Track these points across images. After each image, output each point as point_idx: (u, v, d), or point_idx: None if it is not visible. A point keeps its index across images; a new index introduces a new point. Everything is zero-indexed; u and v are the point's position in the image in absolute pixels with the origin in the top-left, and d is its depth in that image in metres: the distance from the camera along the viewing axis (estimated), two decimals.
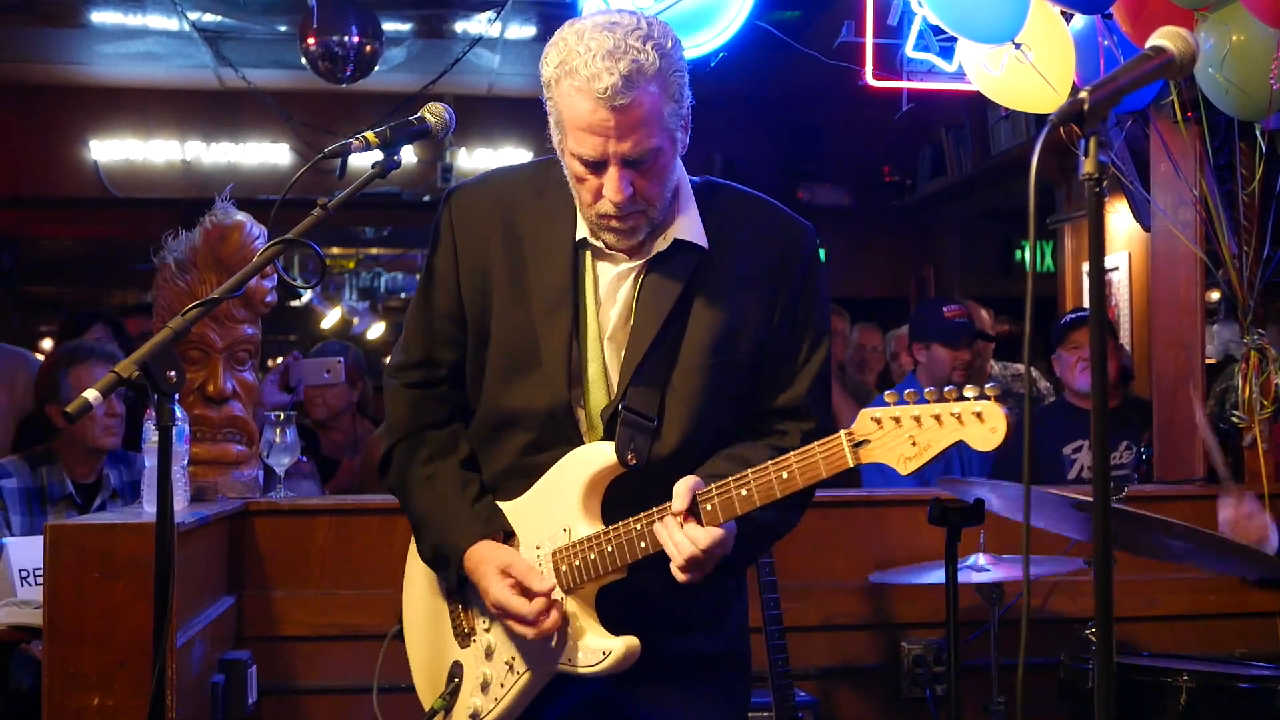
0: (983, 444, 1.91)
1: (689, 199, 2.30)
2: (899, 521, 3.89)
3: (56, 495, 4.16)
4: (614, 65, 2.08)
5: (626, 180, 2.15)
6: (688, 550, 2.11)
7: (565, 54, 2.13)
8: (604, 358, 2.27)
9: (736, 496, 2.10)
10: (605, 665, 2.22)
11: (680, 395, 2.25)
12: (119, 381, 1.98)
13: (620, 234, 2.23)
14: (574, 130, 2.15)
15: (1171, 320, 4.47)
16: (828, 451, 2.03)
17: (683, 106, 2.20)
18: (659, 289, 2.25)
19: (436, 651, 2.42)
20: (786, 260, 2.30)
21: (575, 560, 2.23)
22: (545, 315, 2.27)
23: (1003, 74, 4.02)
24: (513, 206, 2.34)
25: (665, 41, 2.15)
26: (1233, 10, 3.60)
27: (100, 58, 7.95)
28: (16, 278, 10.94)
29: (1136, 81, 1.80)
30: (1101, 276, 1.77)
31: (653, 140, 2.14)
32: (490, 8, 6.98)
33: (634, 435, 2.23)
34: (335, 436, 5.68)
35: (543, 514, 2.29)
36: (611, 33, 2.11)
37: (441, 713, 2.38)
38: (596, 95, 2.09)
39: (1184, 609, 3.94)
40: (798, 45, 4.91)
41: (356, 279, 13.44)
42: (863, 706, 3.87)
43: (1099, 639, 1.75)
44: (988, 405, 1.89)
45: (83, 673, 2.80)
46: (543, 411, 2.28)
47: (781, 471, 2.06)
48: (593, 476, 2.24)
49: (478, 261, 2.33)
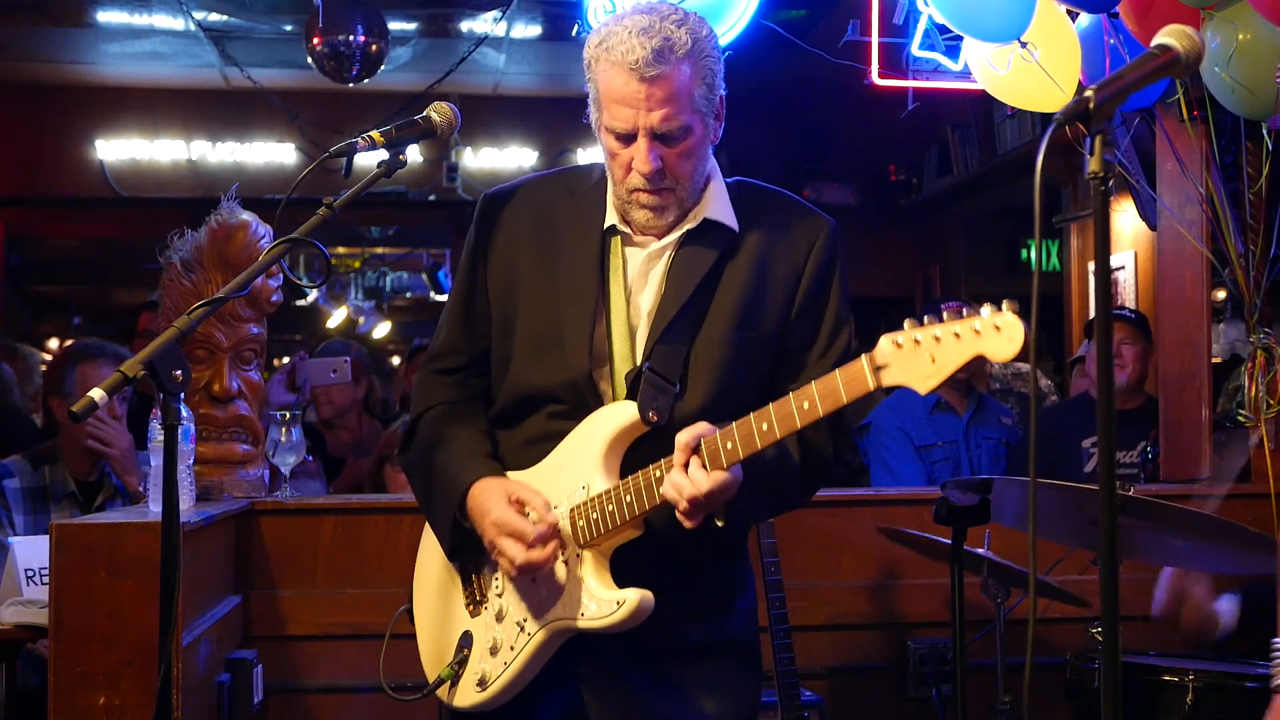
0: (1001, 354, 1.89)
1: (721, 189, 2.39)
2: (905, 520, 3.88)
3: (59, 493, 4.16)
4: (647, 41, 2.20)
5: (655, 154, 2.24)
6: (703, 493, 2.12)
7: (605, 35, 2.26)
8: (632, 336, 2.33)
9: (757, 430, 2.10)
10: (618, 615, 2.21)
11: (703, 362, 2.30)
12: (124, 380, 1.98)
13: (650, 210, 2.30)
14: (608, 104, 2.26)
15: (1178, 319, 4.46)
16: (849, 376, 2.02)
17: (714, 93, 2.30)
18: (689, 261, 2.32)
19: (447, 626, 2.44)
20: (810, 249, 2.37)
21: (592, 514, 2.25)
22: (570, 297, 2.35)
23: (1009, 73, 4.01)
24: (545, 205, 2.44)
25: (701, 29, 2.27)
26: (1239, 9, 3.59)
27: (106, 57, 7.97)
28: (23, 277, 10.97)
29: (1142, 80, 1.80)
30: (1108, 275, 1.76)
31: (682, 117, 2.23)
32: (496, 7, 6.98)
33: (656, 395, 2.27)
34: (342, 435, 5.69)
35: (563, 474, 2.32)
36: (648, 15, 2.24)
37: (448, 682, 2.38)
38: (629, 67, 2.20)
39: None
40: (804, 44, 4.91)
41: (362, 278, 13.45)
42: (869, 706, 3.86)
43: (1105, 638, 1.74)
44: (1006, 317, 1.89)
45: (89, 672, 2.80)
46: (565, 384, 2.33)
47: (803, 401, 2.06)
48: (614, 435, 2.28)
49: (507, 257, 2.42)
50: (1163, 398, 4.54)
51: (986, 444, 4.91)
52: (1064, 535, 3.25)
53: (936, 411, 4.91)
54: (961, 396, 4.95)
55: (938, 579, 3.57)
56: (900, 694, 3.84)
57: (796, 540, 3.77)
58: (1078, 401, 5.27)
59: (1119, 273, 6.53)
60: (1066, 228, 7.23)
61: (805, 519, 3.86)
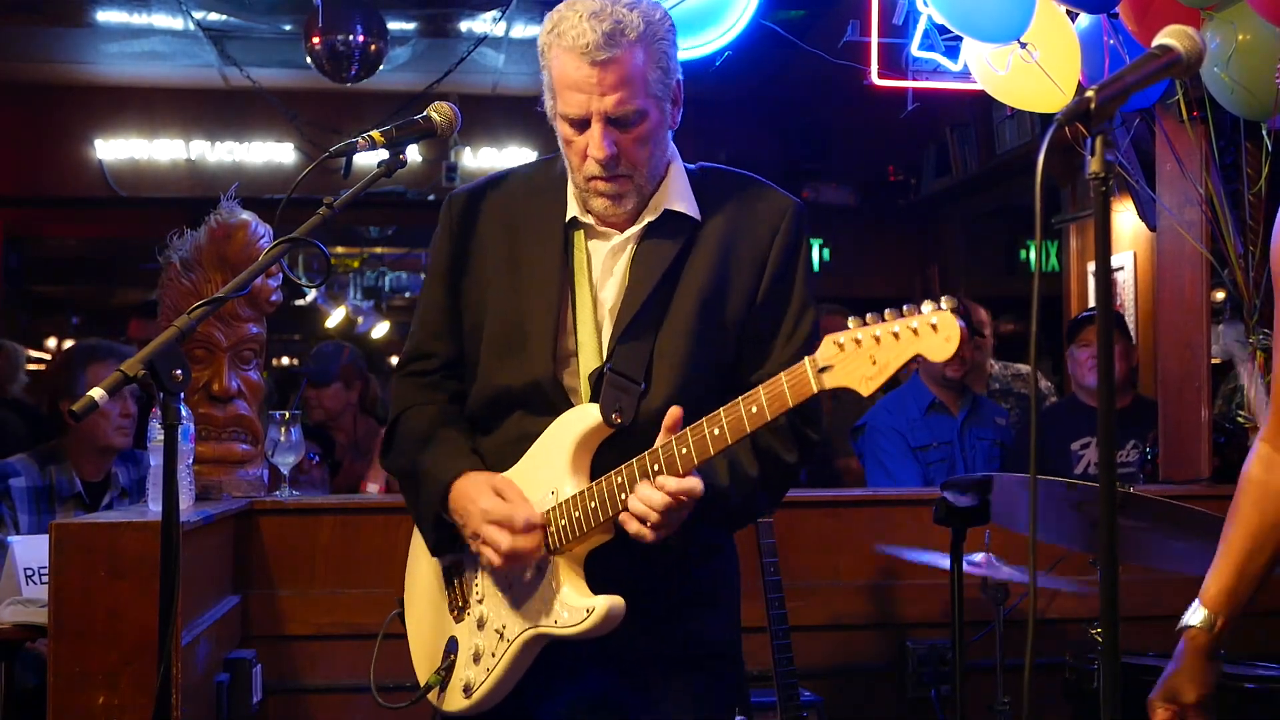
0: (938, 354, 1.89)
1: (681, 175, 2.37)
2: (904, 521, 3.89)
3: (65, 494, 4.16)
4: (598, 24, 2.18)
5: (610, 139, 2.23)
6: (660, 502, 2.11)
7: (557, 20, 2.24)
8: (599, 332, 2.32)
9: (709, 435, 2.10)
10: (589, 623, 2.20)
11: (667, 357, 2.29)
12: (125, 380, 1.98)
13: (608, 198, 2.29)
14: (561, 90, 2.24)
15: (1177, 320, 4.47)
16: (793, 379, 2.03)
17: (670, 77, 2.27)
18: (651, 255, 2.31)
19: (435, 630, 2.44)
20: (775, 233, 2.35)
21: (561, 520, 2.24)
22: (533, 295, 2.34)
23: (1008, 73, 4.01)
24: (508, 203, 2.43)
25: (654, 13, 2.24)
26: (1238, 9, 3.59)
27: (105, 57, 7.96)
28: (22, 277, 10.96)
29: (1143, 80, 1.80)
30: (1108, 276, 1.76)
31: (636, 101, 2.21)
32: (495, 7, 6.98)
33: (619, 396, 2.26)
34: (339, 437, 5.70)
35: (533, 480, 2.30)
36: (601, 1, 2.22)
37: (436, 687, 2.39)
38: (581, 51, 2.19)
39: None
40: (803, 44, 4.91)
41: (361, 278, 13.45)
42: (868, 706, 3.86)
43: (1105, 639, 1.74)
44: (942, 315, 1.89)
45: (88, 671, 2.80)
46: (530, 386, 2.32)
47: (750, 405, 2.06)
48: (580, 438, 2.27)
49: (473, 259, 2.42)
50: (1162, 398, 4.54)
51: (981, 444, 4.91)
52: (1063, 537, 3.25)
53: (931, 412, 4.91)
54: (956, 397, 4.95)
55: (937, 579, 3.57)
56: (899, 694, 3.84)
57: (796, 540, 3.77)
58: (1065, 404, 5.26)
59: (1118, 273, 6.52)
60: (1066, 228, 7.23)
61: (805, 519, 3.86)
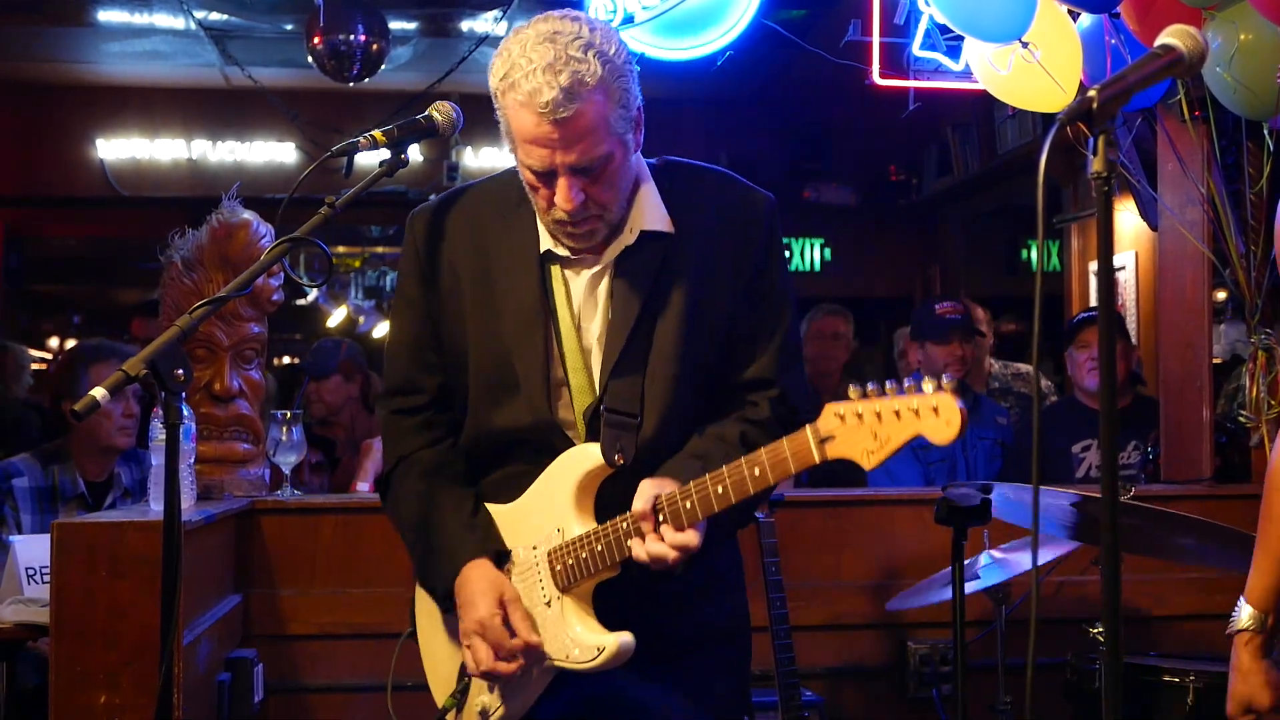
0: (939, 437, 1.93)
1: (652, 191, 2.30)
2: (905, 521, 3.89)
3: (68, 494, 4.16)
4: (554, 79, 2.08)
5: (577, 188, 2.16)
6: (671, 557, 2.15)
7: (509, 66, 2.14)
8: (587, 364, 2.30)
9: (713, 494, 2.12)
10: (600, 660, 2.24)
11: (658, 383, 2.27)
12: (126, 379, 1.98)
13: (577, 238, 2.25)
14: (521, 143, 2.17)
15: (1178, 319, 4.46)
16: (795, 447, 2.06)
17: (630, 110, 2.20)
18: (629, 285, 2.27)
19: (447, 652, 2.43)
20: (748, 233, 2.32)
21: (569, 559, 2.26)
22: (519, 336, 2.30)
23: (1010, 73, 4.01)
24: (477, 223, 2.37)
25: (608, 47, 2.15)
26: (1240, 9, 3.59)
27: (106, 56, 7.96)
28: (23, 276, 10.96)
29: (1145, 80, 1.80)
30: (1110, 275, 1.76)
31: (600, 148, 2.15)
32: (496, 6, 6.98)
33: (618, 435, 2.25)
34: (337, 433, 5.70)
35: (538, 515, 2.32)
36: (553, 44, 2.11)
37: (453, 710, 2.39)
38: (539, 110, 2.10)
39: (1192, 609, 3.93)
40: (804, 44, 4.91)
41: (362, 277, 13.45)
42: (869, 706, 3.86)
43: (1107, 639, 1.74)
44: (943, 399, 1.92)
45: (89, 671, 2.80)
46: (529, 427, 2.30)
47: (754, 468, 2.09)
48: (582, 478, 2.27)
49: (447, 283, 2.36)
50: (1163, 398, 4.53)
51: (982, 444, 4.90)
52: (1064, 535, 3.26)
53: None
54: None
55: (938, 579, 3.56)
56: (901, 694, 3.84)
57: (796, 540, 3.77)
58: (1064, 405, 5.24)
59: (1120, 273, 6.52)
60: (1067, 228, 7.22)
61: (805, 519, 3.86)
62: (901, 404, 1.96)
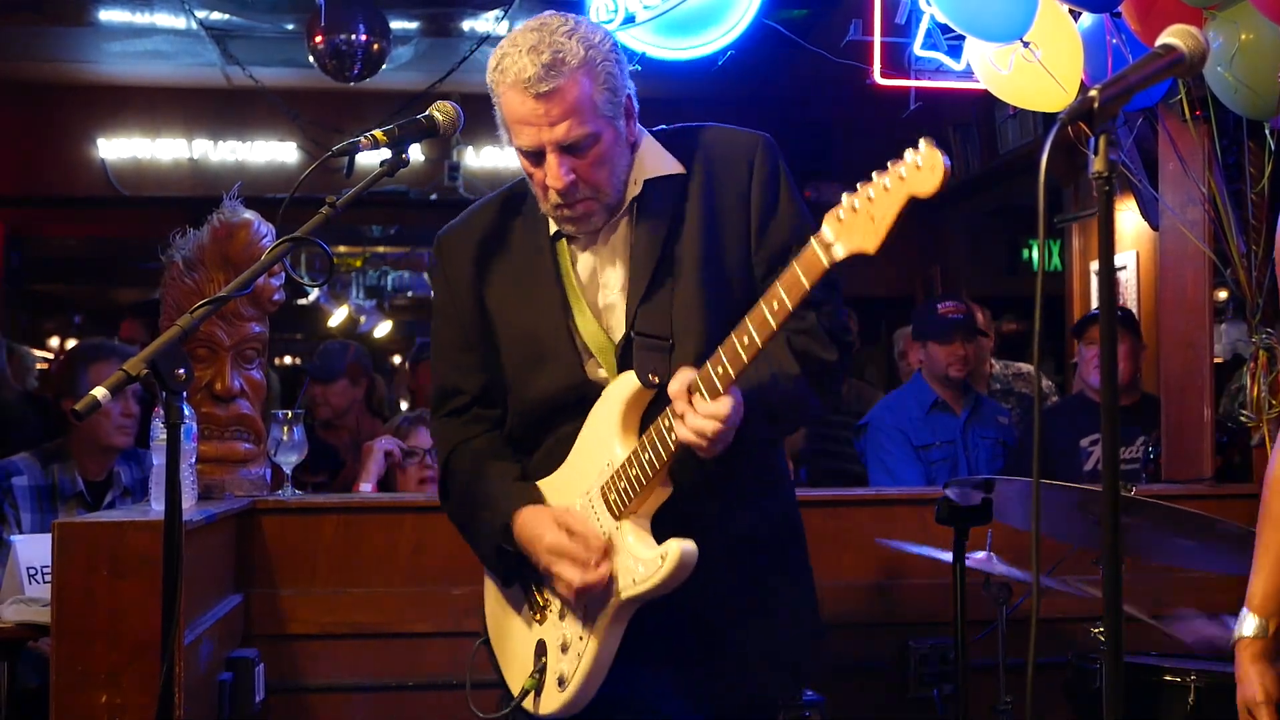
0: (926, 186, 1.97)
1: (654, 144, 2.40)
2: (906, 520, 3.89)
3: (67, 493, 4.16)
4: (537, 58, 2.21)
5: (566, 166, 2.26)
6: (710, 429, 2.16)
7: (499, 57, 2.28)
8: (602, 321, 2.38)
9: (740, 346, 2.13)
10: (665, 569, 2.24)
11: (686, 312, 2.33)
12: (127, 379, 1.98)
13: (574, 222, 2.34)
14: (512, 125, 2.28)
15: (1179, 319, 4.46)
16: (805, 263, 2.07)
17: (619, 95, 2.30)
18: (648, 226, 2.36)
19: (524, 645, 2.46)
20: (751, 170, 2.39)
21: (620, 483, 2.29)
22: (540, 311, 2.40)
23: (1011, 73, 4.01)
24: (497, 230, 2.49)
25: (593, 36, 2.28)
26: (1241, 9, 3.59)
27: (108, 56, 7.97)
28: (24, 276, 10.96)
29: (1146, 80, 1.80)
30: (1112, 275, 1.77)
31: (585, 127, 2.24)
32: (497, 6, 6.98)
33: (650, 357, 2.32)
34: (342, 435, 5.70)
35: (586, 464, 2.36)
36: (539, 31, 2.26)
37: (532, 692, 2.41)
38: (523, 86, 2.22)
39: (1192, 609, 3.92)
40: (805, 44, 4.91)
41: (363, 277, 13.47)
42: (870, 705, 3.86)
43: (1107, 638, 1.74)
44: (923, 151, 1.97)
45: (91, 670, 2.80)
46: (564, 388, 2.38)
47: (772, 302, 2.10)
48: (623, 408, 2.32)
49: (473, 291, 2.47)
50: (1164, 398, 4.53)
51: (984, 444, 4.91)
52: (1066, 534, 3.25)
53: (934, 411, 4.91)
54: (959, 396, 4.95)
55: (939, 578, 3.56)
56: (901, 694, 3.84)
57: None
58: (1074, 401, 5.26)
59: (1121, 272, 6.52)
60: (1068, 227, 7.22)
61: (805, 519, 3.83)
62: (886, 176, 2.00)
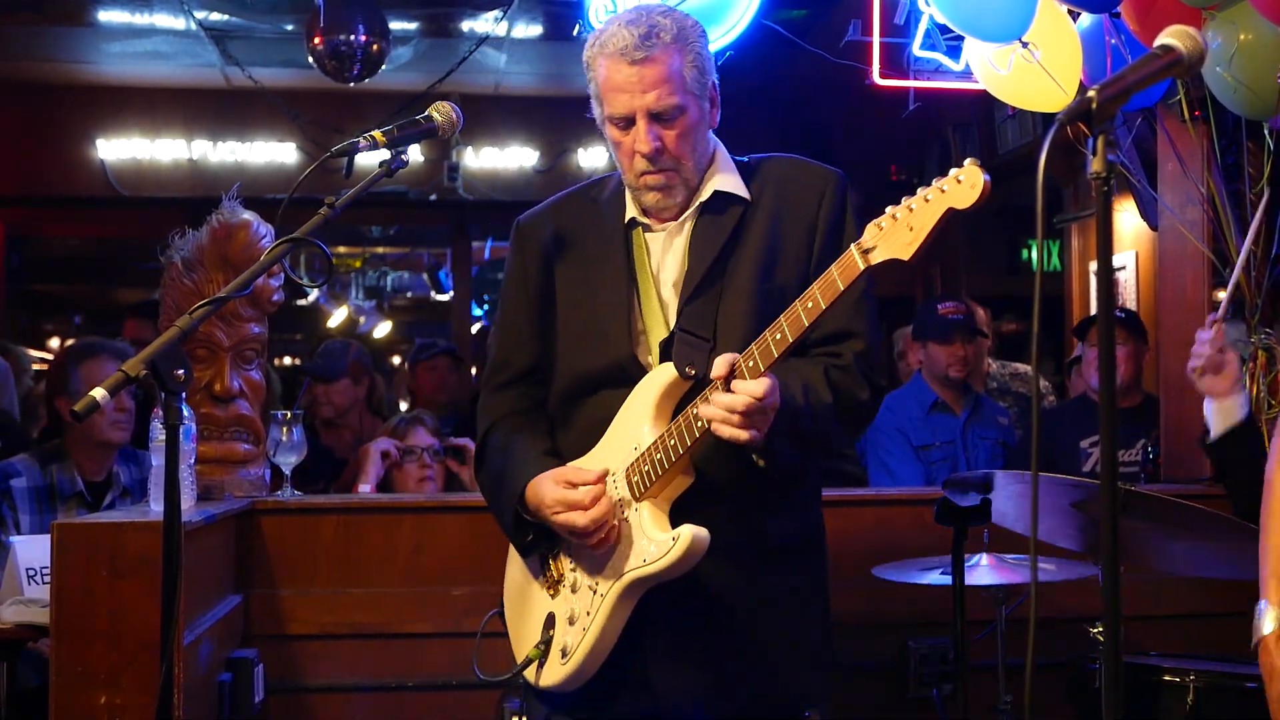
0: (965, 201, 2.05)
1: (727, 161, 2.55)
2: (905, 521, 3.89)
3: (67, 493, 4.16)
4: (634, 29, 2.39)
5: (653, 133, 2.41)
6: (741, 403, 2.21)
7: (599, 34, 2.46)
8: (664, 311, 2.48)
9: (772, 341, 2.22)
10: (675, 551, 2.30)
11: (731, 315, 2.43)
12: (126, 380, 1.98)
13: (657, 191, 2.46)
14: (606, 94, 2.43)
15: (1179, 319, 4.46)
16: (841, 266, 2.18)
17: (706, 77, 2.46)
18: (708, 229, 2.49)
19: (535, 616, 2.53)
20: (820, 201, 2.52)
21: (644, 466, 2.37)
22: (606, 291, 2.51)
23: (1010, 73, 4.01)
24: (572, 217, 2.63)
25: (685, 20, 2.45)
26: (1240, 9, 3.59)
27: (107, 57, 7.97)
28: (24, 276, 10.97)
29: (1145, 80, 1.80)
30: (1110, 275, 1.77)
31: (674, 98, 2.40)
32: (497, 7, 6.99)
33: (690, 353, 2.40)
34: (344, 434, 5.69)
35: (617, 446, 2.44)
36: (637, 11, 2.45)
37: (535, 662, 2.47)
38: (620, 53, 2.39)
39: (1191, 608, 3.92)
40: (805, 44, 4.91)
41: (363, 278, 13.47)
42: (870, 705, 3.86)
43: (1107, 638, 1.74)
44: (967, 168, 2.05)
45: (90, 671, 2.80)
46: (611, 365, 2.48)
47: (806, 302, 2.20)
48: (658, 396, 2.40)
49: (543, 270, 2.60)
50: (1163, 398, 4.53)
51: (984, 444, 4.90)
52: (1064, 538, 3.25)
53: (934, 412, 4.91)
54: (959, 396, 4.95)
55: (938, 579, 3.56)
56: (901, 693, 3.84)
57: None
58: (1075, 403, 5.26)
59: (1120, 273, 6.53)
60: (1067, 228, 7.23)
61: None
62: (930, 190, 2.09)
